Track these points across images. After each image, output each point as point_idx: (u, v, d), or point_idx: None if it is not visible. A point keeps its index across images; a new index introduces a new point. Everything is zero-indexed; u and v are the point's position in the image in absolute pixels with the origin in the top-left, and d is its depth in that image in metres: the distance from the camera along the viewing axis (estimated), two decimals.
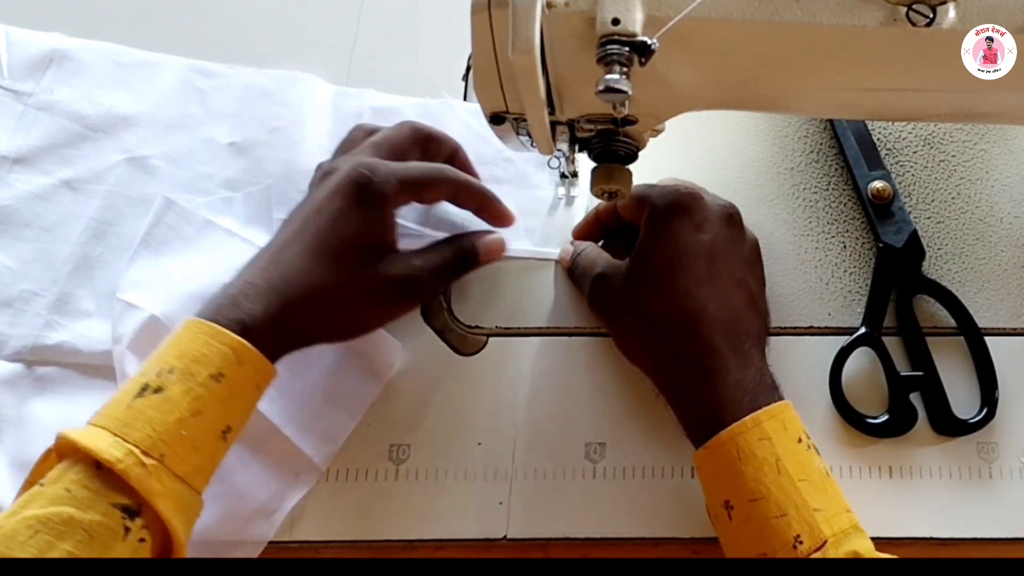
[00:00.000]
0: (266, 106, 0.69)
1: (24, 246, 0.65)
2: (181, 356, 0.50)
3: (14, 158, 0.67)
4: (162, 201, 0.64)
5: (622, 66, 0.42)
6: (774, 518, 0.49)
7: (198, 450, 0.49)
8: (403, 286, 0.57)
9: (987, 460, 0.58)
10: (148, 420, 0.48)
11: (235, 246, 0.63)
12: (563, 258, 0.63)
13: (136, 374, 0.51)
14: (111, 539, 0.46)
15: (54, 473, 0.47)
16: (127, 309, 0.59)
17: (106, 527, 0.46)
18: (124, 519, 0.46)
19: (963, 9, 0.45)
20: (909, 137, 0.67)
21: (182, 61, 0.71)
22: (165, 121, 0.69)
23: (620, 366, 0.60)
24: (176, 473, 0.48)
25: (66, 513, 0.46)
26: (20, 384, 0.61)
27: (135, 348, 0.58)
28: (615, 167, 0.53)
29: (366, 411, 0.60)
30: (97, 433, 0.48)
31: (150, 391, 0.49)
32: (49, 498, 0.46)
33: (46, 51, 0.71)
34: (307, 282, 0.54)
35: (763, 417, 0.51)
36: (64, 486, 0.46)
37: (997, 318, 0.61)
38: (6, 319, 0.62)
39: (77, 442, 0.47)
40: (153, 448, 0.48)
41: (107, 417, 0.49)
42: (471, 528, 0.57)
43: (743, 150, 0.67)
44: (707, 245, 0.55)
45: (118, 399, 0.49)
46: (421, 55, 0.72)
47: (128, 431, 0.48)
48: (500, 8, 0.43)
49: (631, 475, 0.58)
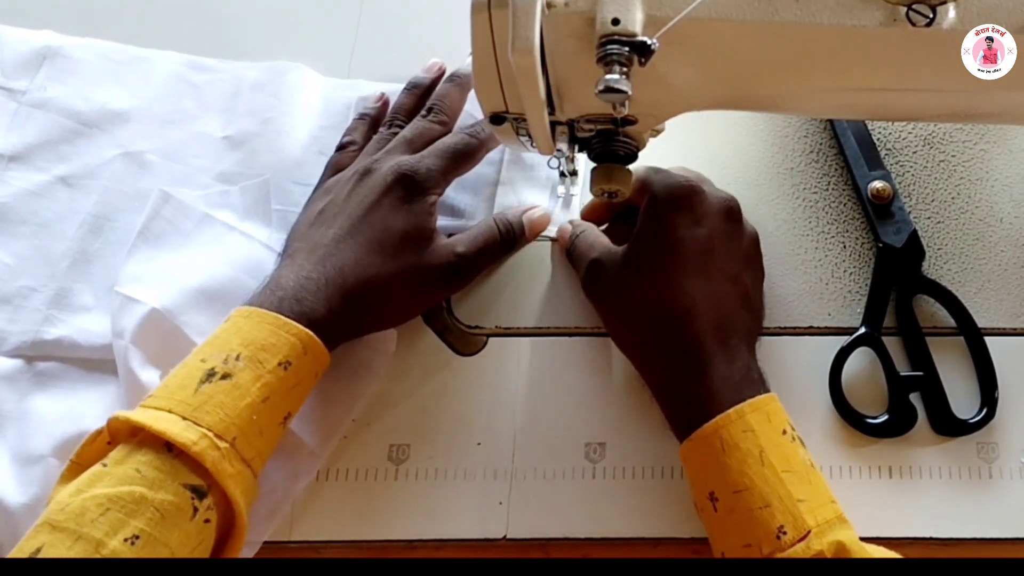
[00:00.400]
0: (258, 98, 0.70)
1: (21, 243, 0.65)
2: (247, 344, 0.52)
3: (9, 156, 0.67)
4: (159, 195, 0.64)
5: (622, 66, 0.42)
6: (758, 509, 0.50)
7: (263, 435, 0.51)
8: (450, 272, 0.59)
9: (987, 460, 0.58)
10: (219, 405, 0.50)
11: (234, 240, 0.63)
12: (561, 236, 0.63)
13: (193, 359, 0.52)
14: (180, 518, 0.48)
15: (117, 454, 0.49)
16: (127, 303, 0.59)
17: (176, 507, 0.47)
18: (193, 499, 0.48)
19: (963, 9, 0.45)
20: (909, 137, 0.67)
21: (175, 56, 0.72)
22: (159, 116, 0.69)
23: (620, 366, 0.60)
24: (243, 457, 0.50)
25: (137, 492, 0.47)
26: (20, 380, 0.61)
27: (138, 342, 0.58)
28: (615, 167, 0.53)
29: (366, 408, 0.60)
30: (165, 417, 0.49)
31: (217, 377, 0.51)
32: (118, 478, 0.47)
33: (38, 49, 0.71)
34: (363, 276, 0.56)
35: (747, 409, 0.52)
36: (133, 467, 0.48)
37: (997, 318, 0.61)
38: (5, 315, 0.62)
39: (146, 425, 0.48)
40: (226, 432, 0.49)
41: (172, 401, 0.50)
42: (471, 528, 0.57)
43: (743, 150, 0.67)
44: (703, 240, 0.56)
45: (180, 384, 0.51)
46: (421, 55, 0.72)
47: (200, 415, 0.49)
48: (500, 8, 0.43)
49: (631, 475, 0.58)
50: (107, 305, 0.62)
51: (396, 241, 0.57)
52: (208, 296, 0.60)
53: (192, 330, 0.59)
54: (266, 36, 0.73)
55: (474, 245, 0.60)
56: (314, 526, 0.57)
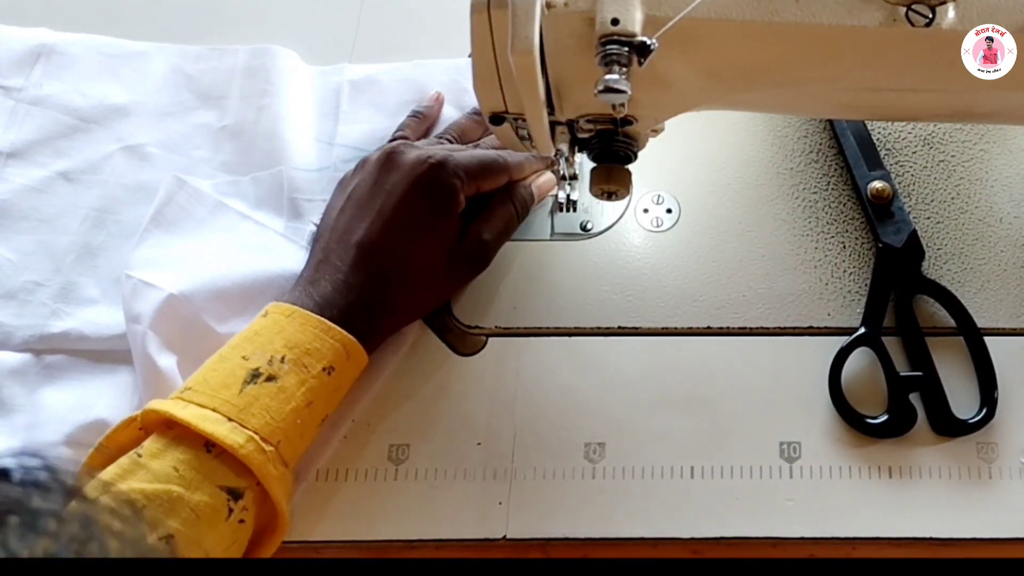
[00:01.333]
0: (253, 84, 0.70)
1: (23, 238, 0.65)
2: (292, 347, 0.53)
3: (8, 152, 0.68)
4: (173, 180, 0.64)
5: (622, 66, 0.42)
6: None
7: (304, 438, 0.52)
8: (476, 258, 0.61)
9: (987, 460, 0.58)
10: (265, 408, 0.51)
11: (248, 228, 0.63)
12: None
13: (232, 355, 0.52)
14: (215, 519, 0.48)
15: (153, 446, 0.49)
16: (142, 287, 0.59)
17: (212, 508, 0.48)
18: (229, 501, 0.49)
19: (963, 9, 0.45)
20: (909, 137, 0.67)
21: (169, 48, 0.72)
22: (157, 109, 0.70)
23: (620, 366, 0.60)
24: (284, 459, 0.51)
25: (175, 492, 0.47)
26: (29, 373, 0.61)
27: (156, 327, 0.58)
28: (614, 167, 0.53)
29: (366, 408, 0.60)
30: (211, 416, 0.50)
31: (262, 378, 0.51)
32: (155, 474, 0.48)
33: (33, 46, 0.71)
34: (401, 271, 0.58)
35: None
36: (171, 464, 0.48)
37: (997, 318, 0.61)
38: (11, 310, 0.62)
39: (192, 425, 0.49)
40: (272, 436, 0.50)
41: (216, 399, 0.50)
42: (470, 528, 0.57)
43: (743, 150, 0.67)
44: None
45: (222, 381, 0.51)
46: (421, 55, 0.72)
47: (246, 417, 0.50)
48: (500, 8, 0.43)
49: (631, 475, 0.58)
50: (113, 297, 0.62)
51: (429, 234, 0.58)
52: (225, 283, 0.60)
53: (210, 316, 0.59)
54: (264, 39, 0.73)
55: (496, 229, 0.62)
56: (314, 526, 0.57)
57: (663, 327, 0.61)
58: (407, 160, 0.59)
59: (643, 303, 0.62)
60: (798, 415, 0.58)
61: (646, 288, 0.63)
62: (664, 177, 0.66)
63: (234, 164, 0.67)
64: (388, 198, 0.59)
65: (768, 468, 0.57)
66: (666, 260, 0.64)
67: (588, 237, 0.65)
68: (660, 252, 0.64)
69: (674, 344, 0.61)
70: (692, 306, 0.62)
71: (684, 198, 0.66)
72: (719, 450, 0.58)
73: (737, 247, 0.64)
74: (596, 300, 0.62)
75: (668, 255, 0.64)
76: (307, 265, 0.59)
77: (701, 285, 0.63)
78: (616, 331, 0.62)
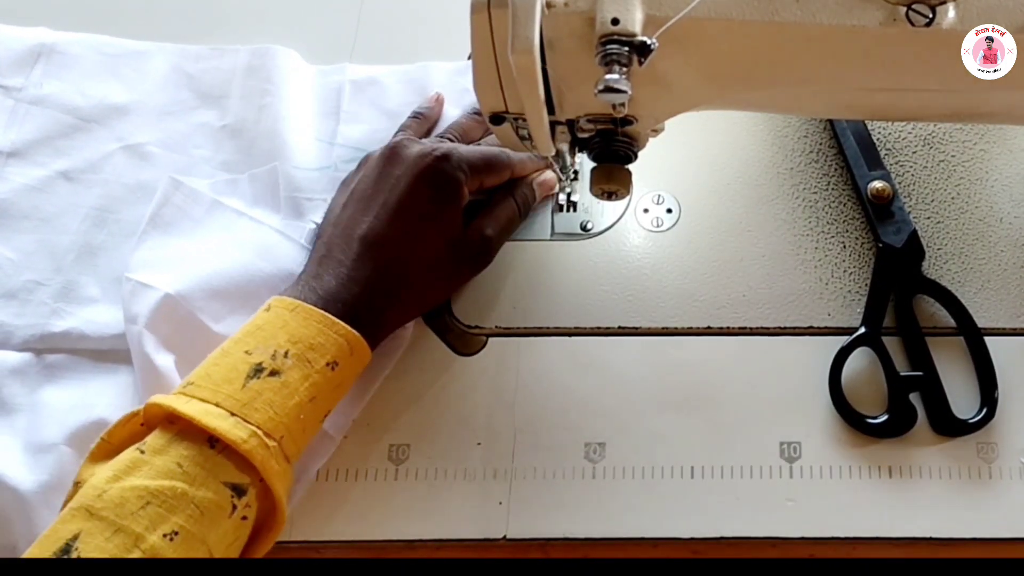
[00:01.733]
0: (253, 83, 0.70)
1: (24, 237, 0.65)
2: (295, 341, 0.52)
3: (8, 152, 0.68)
4: (169, 182, 0.64)
5: (622, 66, 0.42)
6: None
7: (306, 433, 0.52)
8: (481, 252, 0.61)
9: (987, 460, 0.58)
10: (268, 403, 0.50)
11: (245, 225, 0.63)
12: None
13: (235, 349, 0.52)
14: (219, 516, 0.48)
15: (156, 442, 0.49)
16: (140, 288, 0.59)
17: (216, 504, 0.48)
18: (233, 497, 0.48)
19: (963, 9, 0.45)
20: (909, 137, 0.67)
21: (170, 47, 0.72)
22: (157, 108, 0.70)
23: (620, 366, 0.60)
24: (286, 454, 0.51)
25: (179, 488, 0.47)
26: (30, 372, 0.61)
27: (152, 327, 0.58)
28: (614, 167, 0.53)
29: (366, 408, 0.60)
30: (213, 411, 0.49)
31: (265, 373, 0.51)
32: (158, 470, 0.48)
33: (33, 46, 0.71)
34: (404, 267, 0.57)
35: None
36: (174, 460, 0.48)
37: (997, 318, 0.61)
38: (12, 310, 0.62)
39: (194, 419, 0.48)
40: (275, 431, 0.50)
41: (218, 394, 0.50)
42: (470, 528, 0.57)
43: (743, 150, 0.67)
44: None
45: (225, 376, 0.51)
46: (421, 55, 0.72)
47: (248, 412, 0.50)
48: (500, 8, 0.43)
49: (631, 475, 0.58)
50: (114, 296, 0.62)
51: (433, 227, 0.58)
52: (221, 281, 0.60)
53: (206, 315, 0.59)
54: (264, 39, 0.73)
55: (499, 225, 0.62)
56: (314, 526, 0.57)
57: (663, 327, 0.62)
58: (411, 153, 0.59)
59: (643, 303, 0.62)
60: (798, 415, 0.58)
61: (646, 288, 0.63)
62: (664, 177, 0.66)
63: (234, 163, 0.68)
64: (392, 191, 0.58)
65: (768, 468, 0.57)
66: (666, 260, 0.64)
67: (588, 237, 0.65)
68: (660, 252, 0.64)
69: (674, 344, 0.61)
70: (692, 306, 0.62)
71: (684, 198, 0.66)
72: (719, 450, 0.58)
73: (737, 247, 0.64)
74: (596, 300, 0.63)
75: (668, 255, 0.64)
76: (309, 260, 0.59)
77: (701, 285, 0.63)
78: (616, 331, 0.62)
